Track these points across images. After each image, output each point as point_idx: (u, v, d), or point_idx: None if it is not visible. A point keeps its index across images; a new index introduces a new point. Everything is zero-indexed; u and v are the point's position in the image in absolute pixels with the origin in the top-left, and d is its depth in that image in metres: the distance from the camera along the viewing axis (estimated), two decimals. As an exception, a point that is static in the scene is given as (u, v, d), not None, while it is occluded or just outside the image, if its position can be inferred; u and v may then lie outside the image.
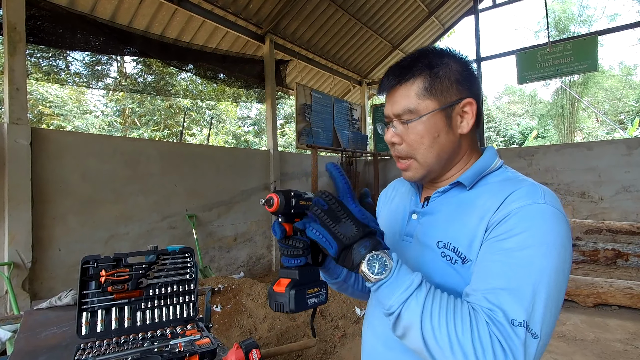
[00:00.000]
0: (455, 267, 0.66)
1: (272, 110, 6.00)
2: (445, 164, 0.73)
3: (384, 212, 0.91)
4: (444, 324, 0.54)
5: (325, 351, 2.90)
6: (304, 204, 0.69)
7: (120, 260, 1.46)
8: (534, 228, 0.59)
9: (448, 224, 0.70)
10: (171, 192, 4.47)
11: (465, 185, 0.71)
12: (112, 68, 10.89)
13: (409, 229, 0.78)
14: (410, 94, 0.70)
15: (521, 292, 0.56)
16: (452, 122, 0.70)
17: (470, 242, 0.65)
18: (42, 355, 1.26)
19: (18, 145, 3.16)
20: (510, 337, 0.53)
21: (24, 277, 3.18)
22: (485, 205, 0.66)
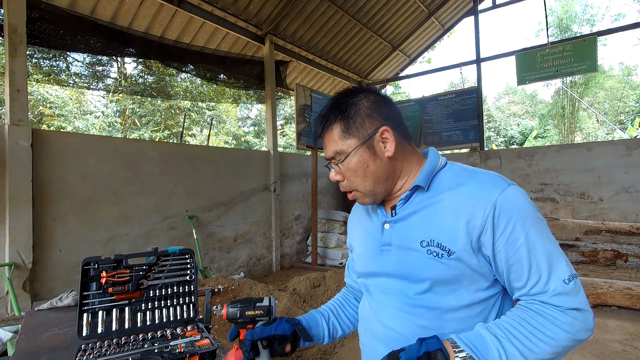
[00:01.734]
0: (442, 261, 0.73)
1: (272, 111, 6.01)
2: (386, 184, 0.83)
3: (357, 231, 0.97)
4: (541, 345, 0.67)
5: (325, 351, 2.91)
6: (251, 314, 0.88)
7: (120, 262, 1.47)
8: (518, 212, 0.71)
9: (424, 224, 0.78)
10: (171, 192, 4.48)
11: (422, 186, 0.80)
12: (112, 69, 10.91)
13: (385, 238, 0.84)
14: (334, 139, 0.81)
15: (548, 261, 0.70)
16: (376, 150, 0.80)
17: (453, 237, 0.73)
18: (43, 356, 1.27)
19: (19, 147, 3.17)
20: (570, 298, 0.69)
21: (25, 277, 3.19)
22: (454, 203, 0.75)
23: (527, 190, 5.82)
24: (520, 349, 0.66)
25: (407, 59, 9.00)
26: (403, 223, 0.82)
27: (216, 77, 5.85)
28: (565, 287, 0.69)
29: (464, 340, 0.67)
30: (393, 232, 0.83)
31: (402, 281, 0.80)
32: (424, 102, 7.77)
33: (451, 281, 0.74)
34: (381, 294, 0.85)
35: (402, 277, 0.80)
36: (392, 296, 0.82)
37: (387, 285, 0.83)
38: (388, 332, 0.81)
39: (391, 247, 0.83)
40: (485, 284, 0.76)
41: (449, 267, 0.73)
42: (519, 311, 0.71)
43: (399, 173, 0.84)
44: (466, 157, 7.18)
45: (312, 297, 3.68)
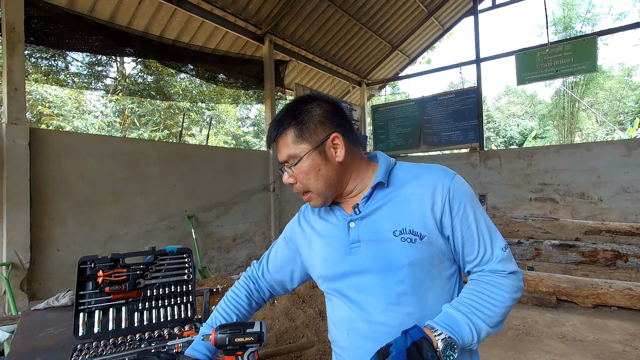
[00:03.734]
0: (416, 245, 0.80)
1: (271, 111, 6.00)
2: (337, 187, 0.88)
3: (314, 238, 0.97)
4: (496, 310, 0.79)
5: (324, 352, 2.90)
6: (241, 340, 0.86)
7: (117, 261, 1.46)
8: (465, 195, 0.83)
9: (393, 216, 0.84)
10: (170, 192, 4.47)
11: (384, 182, 0.86)
12: (111, 69, 10.89)
13: (353, 236, 0.87)
14: (288, 143, 0.85)
15: (490, 235, 0.84)
16: (327, 155, 0.85)
17: (422, 222, 0.81)
18: (39, 356, 1.25)
19: (16, 146, 3.15)
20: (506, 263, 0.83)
21: (22, 277, 3.17)
22: (417, 193, 0.84)
23: (526, 191, 5.85)
24: (483, 318, 0.77)
25: (407, 58, 8.99)
26: (370, 218, 0.86)
27: (216, 77, 5.84)
28: (504, 253, 0.83)
29: (440, 323, 0.76)
30: (361, 229, 0.86)
31: (379, 274, 0.83)
32: (423, 102, 7.76)
33: (425, 263, 0.81)
34: (360, 294, 0.85)
35: (379, 270, 0.83)
36: (373, 293, 0.83)
37: (363, 283, 0.85)
38: (377, 328, 0.83)
39: (360, 244, 0.85)
40: (448, 262, 0.85)
41: (422, 250, 0.80)
42: (474, 285, 0.82)
43: (349, 176, 0.89)
44: (466, 157, 7.17)
45: (312, 297, 3.67)
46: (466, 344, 0.76)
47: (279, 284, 1.09)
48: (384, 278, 0.82)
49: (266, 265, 1.10)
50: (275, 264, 1.08)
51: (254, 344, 0.86)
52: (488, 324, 0.78)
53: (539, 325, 3.37)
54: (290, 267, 1.05)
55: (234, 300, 1.07)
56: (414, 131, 7.86)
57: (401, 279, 0.81)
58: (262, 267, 1.11)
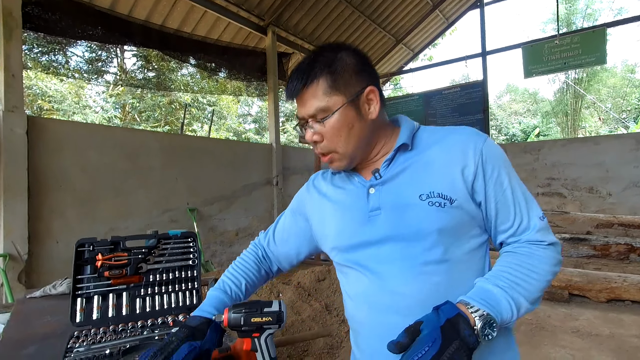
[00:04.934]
0: (446, 210, 0.72)
1: (274, 104, 5.90)
2: (365, 148, 0.80)
3: (326, 207, 0.88)
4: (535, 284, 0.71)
5: (332, 346, 2.80)
6: (258, 320, 0.74)
7: (118, 244, 1.36)
8: (499, 159, 0.76)
9: (418, 179, 0.76)
10: (172, 185, 4.37)
11: (408, 144, 0.78)
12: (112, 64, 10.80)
13: (373, 203, 0.79)
14: (318, 94, 0.75)
15: (526, 202, 0.75)
16: (361, 111, 0.76)
17: (452, 186, 0.73)
18: (33, 344, 1.16)
19: (14, 134, 3.06)
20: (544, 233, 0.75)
21: (20, 269, 3.08)
22: (446, 155, 0.75)
23: (534, 185, 5.76)
24: (522, 293, 0.69)
25: (411, 52, 8.88)
26: (393, 183, 0.78)
27: (218, 69, 5.73)
28: (542, 223, 0.75)
29: (475, 298, 0.67)
30: (382, 195, 0.78)
31: (403, 243, 0.74)
32: (427, 97, 7.64)
33: (455, 230, 0.73)
34: (381, 264, 0.77)
35: (403, 238, 0.74)
36: (395, 262, 0.75)
37: (384, 253, 0.76)
38: (400, 299, 0.74)
39: (381, 211, 0.77)
40: (479, 230, 0.77)
41: (452, 216, 0.73)
42: (510, 257, 0.74)
43: (377, 138, 0.82)
44: (471, 151, 7.06)
45: (317, 290, 3.58)
46: (505, 322, 0.67)
47: (285, 257, 1.01)
48: (408, 246, 0.74)
49: (272, 236, 1.02)
50: (281, 236, 1.00)
51: (273, 325, 0.75)
52: (528, 300, 0.69)
53: (552, 319, 3.27)
54: (297, 240, 0.98)
55: (242, 265, 0.99)
56: (418, 126, 7.75)
57: (428, 246, 0.73)
58: (268, 237, 1.03)
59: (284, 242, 0.99)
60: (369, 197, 0.79)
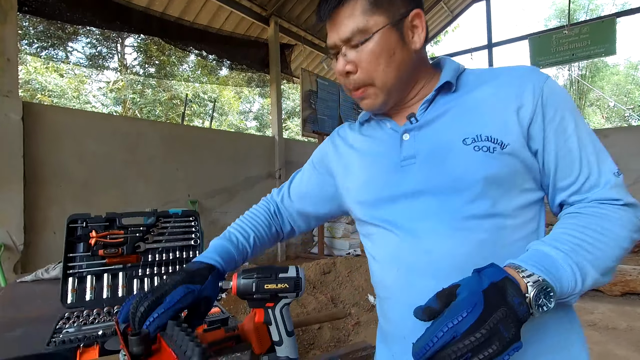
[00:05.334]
0: (495, 155, 0.61)
1: (277, 95, 5.79)
2: (405, 85, 0.68)
3: (353, 157, 0.78)
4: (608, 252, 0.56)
5: (338, 339, 2.70)
6: (272, 287, 0.64)
7: (113, 221, 1.26)
8: (564, 101, 0.63)
9: (462, 122, 0.64)
10: (172, 176, 4.27)
11: (452, 83, 0.66)
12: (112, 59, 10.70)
13: (406, 151, 0.68)
14: (356, 13, 0.63)
15: (596, 153, 0.61)
16: (404, 37, 0.65)
17: (504, 128, 0.61)
18: (21, 327, 1.05)
19: (9, 120, 2.95)
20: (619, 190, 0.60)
21: (16, 260, 2.98)
22: (498, 94, 0.63)
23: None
24: (590, 259, 0.55)
25: (415, 46, 8.76)
26: (431, 127, 0.66)
27: (220, 60, 5.62)
28: (616, 179, 0.61)
29: (528, 262, 0.53)
30: (418, 141, 0.67)
31: (441, 196, 0.63)
32: (432, 90, 7.54)
33: (504, 180, 0.61)
34: (414, 221, 0.65)
35: (441, 190, 0.63)
36: (431, 217, 0.63)
37: (418, 207, 0.65)
38: (437, 260, 0.62)
39: (416, 160, 0.66)
40: (533, 184, 0.64)
41: (503, 163, 0.61)
42: (574, 219, 0.60)
43: (418, 75, 0.69)
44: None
45: (323, 283, 3.47)
46: (565, 293, 0.53)
47: (302, 215, 0.89)
48: (447, 199, 0.62)
49: (287, 191, 0.90)
50: (299, 191, 0.88)
51: (289, 292, 0.64)
52: (597, 269, 0.55)
53: (566, 312, 3.17)
54: (317, 196, 0.86)
55: (251, 217, 0.86)
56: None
57: (471, 198, 0.61)
58: (282, 193, 0.91)
59: (301, 198, 0.88)
60: (402, 145, 0.68)
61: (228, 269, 0.74)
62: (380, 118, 0.74)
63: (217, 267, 0.70)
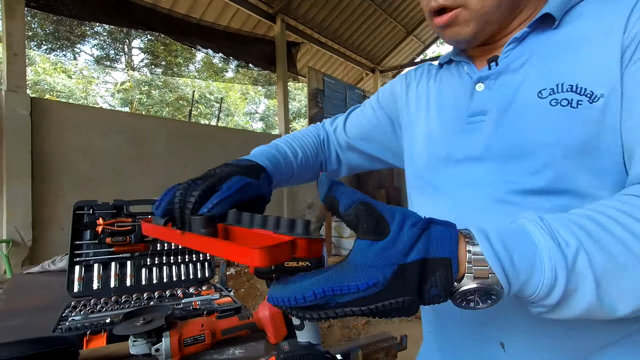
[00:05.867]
0: (580, 111, 0.45)
1: (283, 93, 5.76)
2: (504, 15, 0.53)
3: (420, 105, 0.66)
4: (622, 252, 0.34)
5: (349, 338, 2.64)
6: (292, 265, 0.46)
7: (121, 209, 1.21)
8: None
9: (548, 67, 0.49)
10: (178, 173, 4.24)
11: (553, 17, 0.50)
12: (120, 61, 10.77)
13: (476, 105, 0.55)
14: None
15: None
16: None
17: (598, 73, 0.45)
18: (24, 315, 1.01)
19: (16, 115, 2.94)
20: None
21: (24, 256, 2.96)
22: (592, 27, 0.47)
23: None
24: (591, 253, 0.33)
25: (422, 45, 8.69)
26: (511, 75, 0.52)
27: (226, 58, 5.60)
28: None
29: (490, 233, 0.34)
30: (493, 92, 0.54)
31: (498, 163, 0.51)
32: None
33: (587, 148, 0.44)
34: (462, 187, 0.55)
35: (500, 156, 0.51)
36: (483, 187, 0.52)
37: (472, 174, 0.54)
38: None
39: (485, 117, 0.53)
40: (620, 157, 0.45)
41: (588, 121, 0.44)
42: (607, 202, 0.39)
43: (522, 3, 0.53)
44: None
45: (331, 281, 3.42)
46: (527, 293, 0.34)
47: (354, 151, 0.79)
48: (506, 169, 0.50)
49: (343, 123, 0.79)
50: (355, 126, 0.78)
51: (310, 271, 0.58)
52: (598, 273, 0.33)
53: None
54: (374, 138, 0.76)
55: (299, 137, 0.76)
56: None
57: (535, 168, 0.47)
58: (336, 123, 0.80)
59: (356, 134, 0.77)
60: (474, 96, 0.56)
61: (275, 178, 0.64)
62: (461, 59, 0.61)
63: (267, 170, 0.59)
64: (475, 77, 0.56)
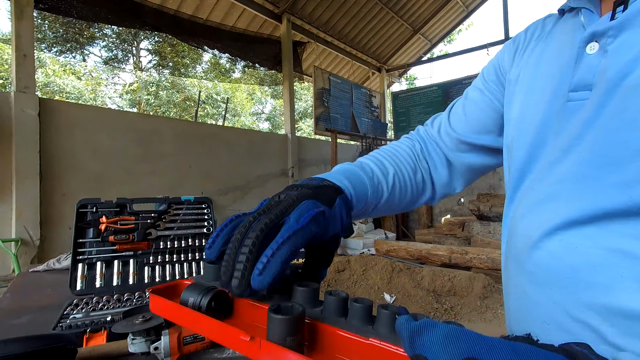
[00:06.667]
0: None
1: (289, 93, 5.75)
2: None
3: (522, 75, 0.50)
4: None
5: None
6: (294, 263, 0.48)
7: (124, 207, 1.21)
8: None
9: None
10: (185, 173, 4.26)
11: None
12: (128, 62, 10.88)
13: (582, 75, 0.39)
14: None
15: None
16: None
17: None
18: (28, 314, 1.01)
19: (25, 115, 2.98)
20: None
21: (33, 255, 3.00)
22: None
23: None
24: None
25: (429, 43, 8.62)
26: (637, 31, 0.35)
27: (233, 58, 5.62)
28: None
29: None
30: (607, 58, 0.37)
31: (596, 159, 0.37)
32: (447, 87, 7.39)
33: None
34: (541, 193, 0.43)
35: (599, 152, 0.36)
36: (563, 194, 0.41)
37: (558, 174, 0.41)
38: (538, 259, 0.41)
39: (591, 93, 0.38)
40: None
41: None
42: None
43: None
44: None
45: (337, 281, 3.39)
46: None
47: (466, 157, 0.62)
48: (590, 173, 0.37)
49: (447, 118, 0.64)
50: (460, 119, 0.62)
51: None
52: None
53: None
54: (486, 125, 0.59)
55: (389, 151, 0.62)
56: (437, 117, 7.50)
57: (629, 179, 0.34)
58: (438, 122, 0.65)
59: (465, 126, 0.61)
60: (581, 62, 0.40)
61: (358, 204, 0.49)
62: (581, 3, 0.43)
63: (345, 192, 0.46)
64: (587, 33, 0.40)
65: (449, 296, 3.05)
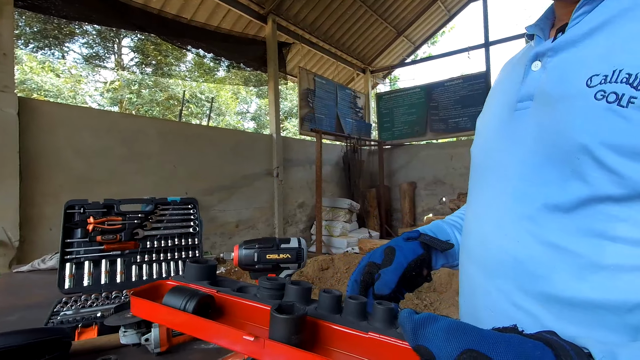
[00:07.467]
0: (628, 111, 0.34)
1: (274, 93, 5.78)
2: None
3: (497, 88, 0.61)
4: None
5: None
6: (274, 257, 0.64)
7: (111, 208, 1.24)
8: None
9: (612, 45, 0.38)
10: (170, 173, 4.24)
11: None
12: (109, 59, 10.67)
13: (527, 87, 0.47)
14: None
15: None
16: None
17: None
18: (18, 312, 1.04)
19: (4, 115, 2.93)
20: None
21: (11, 257, 2.95)
22: None
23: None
24: None
25: (412, 45, 8.78)
26: (572, 50, 0.42)
27: (218, 58, 5.61)
28: None
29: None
30: (548, 73, 0.44)
31: (524, 167, 0.46)
32: (430, 89, 7.55)
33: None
34: (491, 188, 0.50)
35: (530, 158, 0.45)
36: (499, 198, 0.48)
37: (506, 174, 0.48)
38: (488, 252, 0.48)
39: (532, 103, 0.46)
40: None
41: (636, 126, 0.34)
42: None
43: None
44: (474, 144, 6.96)
45: (321, 279, 3.46)
46: None
47: None
48: (531, 174, 0.44)
49: None
50: None
51: (291, 263, 0.64)
52: None
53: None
54: None
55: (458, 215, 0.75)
56: (420, 119, 7.65)
57: (565, 176, 0.40)
58: None
59: None
60: (527, 77, 0.48)
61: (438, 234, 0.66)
62: (534, 30, 0.51)
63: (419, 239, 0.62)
64: (532, 53, 0.48)
65: (429, 292, 3.15)
